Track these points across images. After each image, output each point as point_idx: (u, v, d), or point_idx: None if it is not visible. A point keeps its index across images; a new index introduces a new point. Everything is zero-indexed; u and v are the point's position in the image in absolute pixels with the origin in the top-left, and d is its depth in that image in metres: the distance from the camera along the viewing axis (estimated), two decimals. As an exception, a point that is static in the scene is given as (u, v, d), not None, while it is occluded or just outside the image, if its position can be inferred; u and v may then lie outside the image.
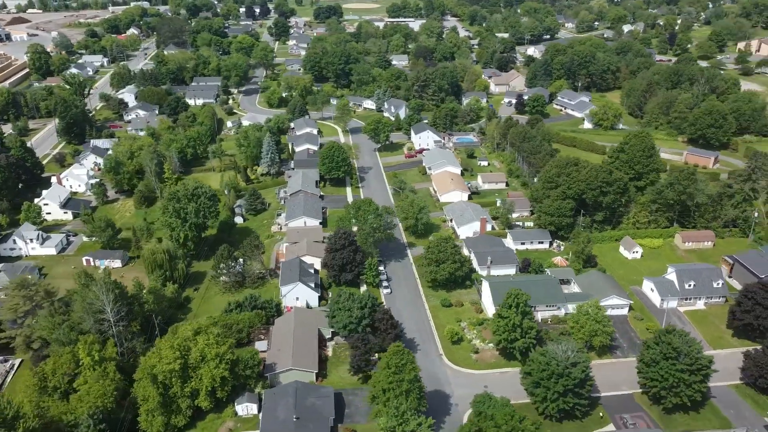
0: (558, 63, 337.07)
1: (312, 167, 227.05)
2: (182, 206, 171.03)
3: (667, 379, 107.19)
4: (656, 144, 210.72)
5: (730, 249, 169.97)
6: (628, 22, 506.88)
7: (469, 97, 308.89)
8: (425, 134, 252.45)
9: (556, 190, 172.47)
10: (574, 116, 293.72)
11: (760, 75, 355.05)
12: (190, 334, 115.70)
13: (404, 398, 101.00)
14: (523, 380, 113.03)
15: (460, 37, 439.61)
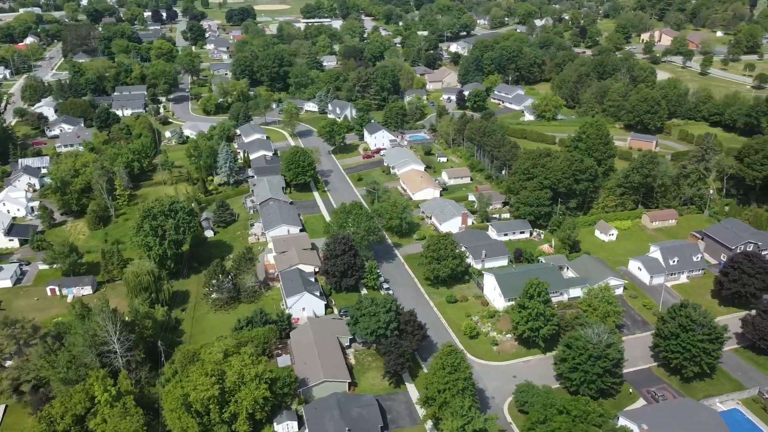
0: (488, 58, 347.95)
1: (274, 173, 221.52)
2: (159, 223, 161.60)
3: (689, 350, 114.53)
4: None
5: (691, 225, 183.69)
6: (537, 17, 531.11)
7: (409, 95, 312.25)
8: (380, 134, 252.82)
9: (533, 181, 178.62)
10: (512, 109, 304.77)
11: (666, 63, 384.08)
12: (221, 357, 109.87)
13: (461, 397, 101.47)
14: (559, 366, 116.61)
15: (383, 36, 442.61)
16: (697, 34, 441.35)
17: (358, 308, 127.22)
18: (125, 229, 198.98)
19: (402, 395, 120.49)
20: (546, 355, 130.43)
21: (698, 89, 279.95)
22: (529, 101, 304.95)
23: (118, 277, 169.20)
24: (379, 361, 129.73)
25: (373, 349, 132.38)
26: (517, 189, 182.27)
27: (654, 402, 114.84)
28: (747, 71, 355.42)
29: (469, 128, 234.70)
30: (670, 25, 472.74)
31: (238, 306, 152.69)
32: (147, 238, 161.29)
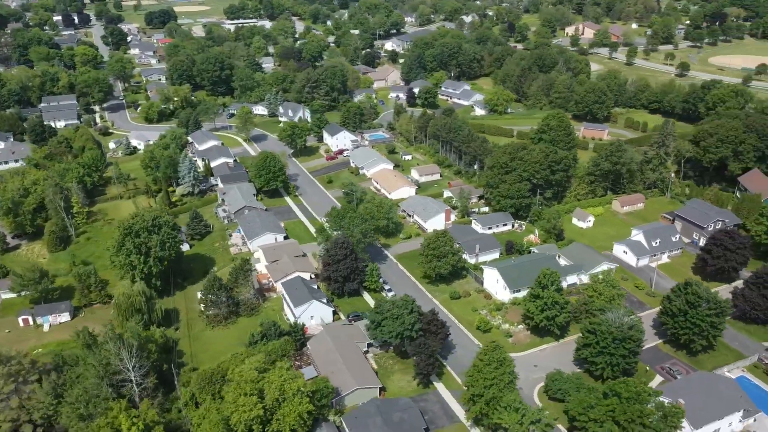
0: (430, 56, 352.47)
1: (241, 181, 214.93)
2: (143, 240, 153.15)
3: (698, 325, 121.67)
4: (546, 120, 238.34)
5: (656, 207, 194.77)
6: (464, 14, 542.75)
7: (358, 95, 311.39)
8: (341, 135, 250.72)
9: (512, 174, 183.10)
10: (461, 105, 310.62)
11: (594, 55, 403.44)
12: (255, 374, 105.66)
13: (509, 391, 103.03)
14: (582, 352, 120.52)
15: (318, 35, 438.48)
16: (617, 27, 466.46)
17: (378, 312, 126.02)
18: (90, 248, 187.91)
19: (433, 395, 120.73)
20: (559, 342, 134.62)
21: (636, 79, 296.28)
22: (477, 96, 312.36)
23: (96, 301, 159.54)
24: (400, 364, 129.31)
25: (391, 352, 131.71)
26: (496, 183, 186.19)
27: (671, 378, 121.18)
28: (668, 60, 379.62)
29: (432, 125, 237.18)
30: (590, 19, 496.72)
31: (237, 320, 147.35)
32: (130, 256, 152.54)
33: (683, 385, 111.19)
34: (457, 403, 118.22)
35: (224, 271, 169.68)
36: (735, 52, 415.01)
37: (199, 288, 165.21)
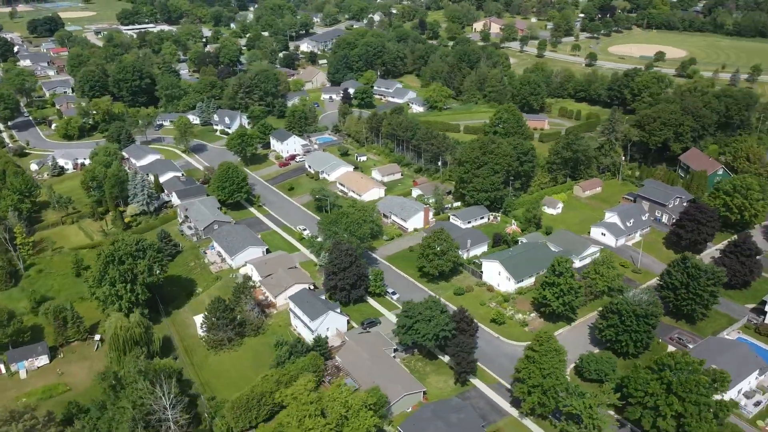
0: (355, 55, 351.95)
1: (199, 195, 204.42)
2: (128, 267, 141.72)
3: (700, 295, 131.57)
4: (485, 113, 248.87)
5: (611, 190, 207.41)
6: (370, 12, 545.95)
7: (291, 98, 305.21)
8: (291, 140, 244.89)
9: (484, 167, 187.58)
10: (396, 103, 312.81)
11: (506, 49, 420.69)
12: (315, 395, 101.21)
13: (564, 378, 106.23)
14: (604, 332, 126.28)
15: (232, 39, 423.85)
16: (521, 22, 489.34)
17: (408, 315, 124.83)
18: (47, 282, 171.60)
19: (474, 391, 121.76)
20: (572, 326, 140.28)
21: (560, 70, 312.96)
22: (411, 94, 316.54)
23: (74, 338, 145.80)
24: (431, 365, 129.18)
25: (417, 355, 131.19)
26: (469, 178, 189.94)
27: (682, 347, 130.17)
28: (574, 51, 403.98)
29: (386, 124, 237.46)
30: (492, 14, 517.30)
31: (242, 341, 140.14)
32: (115, 286, 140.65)
33: (701, 352, 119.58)
34: (499, 396, 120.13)
35: (211, 291, 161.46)
36: (627, 42, 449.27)
37: (185, 312, 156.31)
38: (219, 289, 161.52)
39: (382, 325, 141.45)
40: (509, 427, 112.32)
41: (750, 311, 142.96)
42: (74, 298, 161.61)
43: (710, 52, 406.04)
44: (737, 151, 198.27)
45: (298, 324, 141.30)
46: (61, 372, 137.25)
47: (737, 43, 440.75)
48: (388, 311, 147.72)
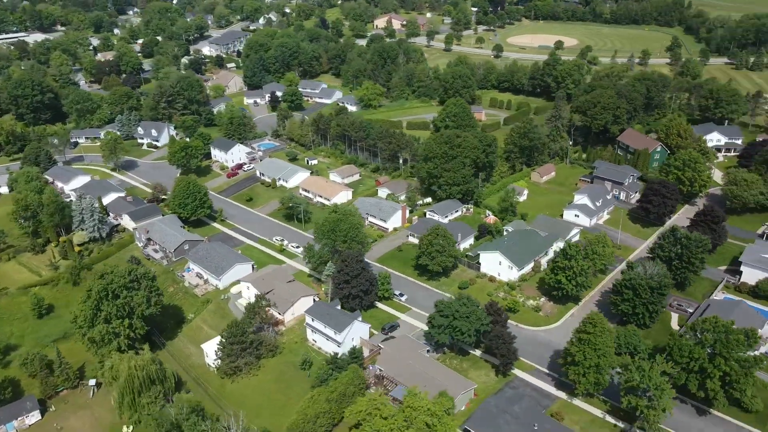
0: (271, 57, 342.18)
1: (154, 214, 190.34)
2: (125, 300, 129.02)
3: (693, 263, 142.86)
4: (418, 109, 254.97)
5: (563, 174, 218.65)
6: (264, 13, 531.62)
7: (216, 105, 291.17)
8: (236, 149, 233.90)
9: (454, 161, 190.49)
10: (325, 103, 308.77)
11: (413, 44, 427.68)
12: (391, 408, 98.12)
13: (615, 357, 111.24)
14: (620, 307, 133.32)
15: (126, 46, 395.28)
16: (421, 17, 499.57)
17: (444, 314, 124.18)
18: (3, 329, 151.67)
19: (517, 380, 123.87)
20: (580, 305, 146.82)
21: (482, 62, 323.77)
22: (338, 93, 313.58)
23: (63, 387, 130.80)
24: (466, 362, 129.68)
25: (449, 353, 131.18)
26: (439, 172, 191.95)
27: (685, 312, 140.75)
28: (478, 44, 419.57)
29: (335, 126, 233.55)
30: (389, 11, 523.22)
31: (259, 364, 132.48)
32: (111, 323, 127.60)
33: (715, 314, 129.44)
34: (542, 381, 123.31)
35: (204, 316, 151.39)
36: (520, 33, 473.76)
37: (182, 341, 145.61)
38: (213, 313, 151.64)
39: (400, 327, 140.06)
40: (565, 409, 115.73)
41: (725, 272, 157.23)
42: (46, 342, 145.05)
43: (597, 40, 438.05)
44: (669, 128, 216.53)
45: (317, 338, 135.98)
46: (59, 427, 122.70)
47: (616, 30, 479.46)
48: (401, 313, 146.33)
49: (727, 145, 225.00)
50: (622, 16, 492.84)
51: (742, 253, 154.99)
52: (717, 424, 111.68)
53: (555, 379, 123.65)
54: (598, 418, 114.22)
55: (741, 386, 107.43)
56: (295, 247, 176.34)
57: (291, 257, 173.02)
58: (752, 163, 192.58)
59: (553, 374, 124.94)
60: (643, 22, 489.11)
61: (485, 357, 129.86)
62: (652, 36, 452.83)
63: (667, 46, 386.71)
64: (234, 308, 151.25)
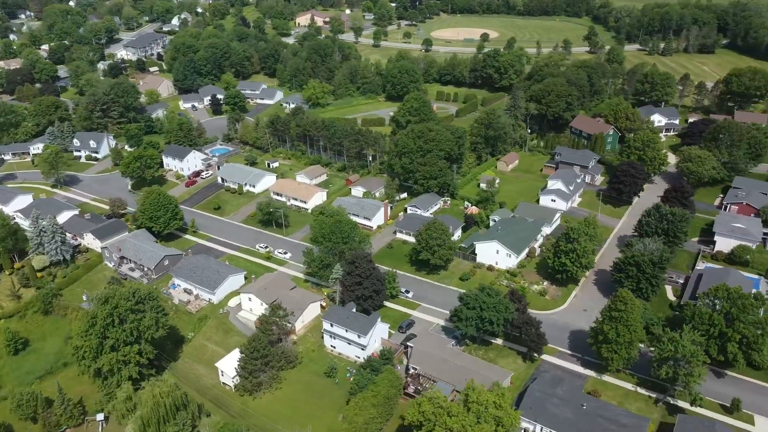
0: (201, 59, 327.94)
1: (120, 231, 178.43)
2: (133, 325, 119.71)
3: (678, 236, 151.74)
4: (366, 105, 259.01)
5: (525, 161, 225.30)
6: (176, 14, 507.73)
7: (154, 111, 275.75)
8: (191, 156, 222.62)
9: (430, 155, 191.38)
10: (267, 104, 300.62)
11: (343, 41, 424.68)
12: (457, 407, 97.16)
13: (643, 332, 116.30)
14: (627, 283, 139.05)
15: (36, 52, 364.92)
16: (344, 14, 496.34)
17: (470, 307, 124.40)
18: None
19: (546, 364, 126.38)
20: (579, 285, 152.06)
21: (422, 57, 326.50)
22: (279, 94, 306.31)
23: (67, 425, 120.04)
24: (491, 351, 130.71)
25: (472, 344, 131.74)
26: (415, 167, 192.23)
27: (675, 284, 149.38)
28: (406, 39, 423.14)
29: (296, 126, 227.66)
30: (306, 8, 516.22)
31: (281, 377, 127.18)
32: (123, 350, 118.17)
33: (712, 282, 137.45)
34: (569, 362, 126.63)
35: (205, 332, 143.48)
36: (441, 27, 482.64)
37: (187, 362, 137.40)
38: (215, 329, 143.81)
39: (415, 324, 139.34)
40: (600, 386, 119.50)
41: (698, 243, 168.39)
42: (30, 380, 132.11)
43: (516, 31, 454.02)
44: (617, 112, 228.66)
45: (337, 344, 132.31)
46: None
47: (530, 21, 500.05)
48: (412, 310, 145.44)
49: (667, 126, 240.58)
50: (534, 8, 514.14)
51: (714, 223, 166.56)
52: (734, 384, 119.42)
53: (579, 359, 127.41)
54: (631, 391, 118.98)
55: (759, 346, 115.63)
56: (282, 254, 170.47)
57: (281, 264, 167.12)
58: (700, 140, 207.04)
59: (576, 354, 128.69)
60: (553, 13, 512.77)
61: (508, 345, 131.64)
62: (564, 26, 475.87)
63: (584, 36, 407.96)
64: (237, 322, 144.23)
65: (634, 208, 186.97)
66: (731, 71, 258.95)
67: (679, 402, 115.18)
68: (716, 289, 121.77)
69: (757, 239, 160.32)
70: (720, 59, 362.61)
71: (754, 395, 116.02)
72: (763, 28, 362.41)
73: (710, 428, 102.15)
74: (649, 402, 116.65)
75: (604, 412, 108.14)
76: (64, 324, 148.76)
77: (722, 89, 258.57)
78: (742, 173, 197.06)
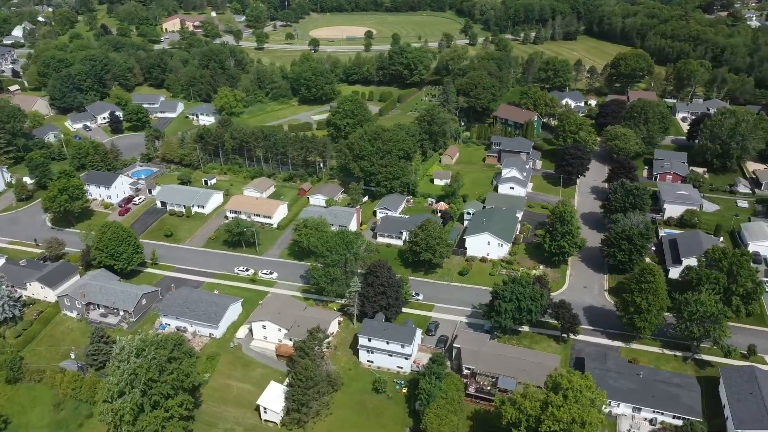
0: (81, 73, 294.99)
1: (71, 274, 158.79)
2: (174, 375, 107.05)
3: (644, 209, 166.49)
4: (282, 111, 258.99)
5: (464, 153, 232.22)
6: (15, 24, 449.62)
7: (44, 134, 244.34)
8: (119, 182, 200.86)
9: (389, 155, 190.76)
10: (170, 117, 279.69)
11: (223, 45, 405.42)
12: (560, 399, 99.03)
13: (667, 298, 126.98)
14: (619, 256, 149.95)
15: None
16: (212, 17, 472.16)
17: (508, 300, 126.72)
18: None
19: (578, 343, 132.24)
20: (569, 264, 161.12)
21: (326, 58, 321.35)
22: (180, 105, 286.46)
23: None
24: (525, 339, 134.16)
25: (503, 336, 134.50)
26: (376, 169, 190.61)
27: (651, 251, 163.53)
28: (289, 40, 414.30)
29: (231, 139, 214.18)
30: (170, 12, 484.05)
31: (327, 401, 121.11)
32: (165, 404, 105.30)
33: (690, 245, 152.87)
34: (597, 338, 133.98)
35: (222, 369, 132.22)
36: (317, 26, 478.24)
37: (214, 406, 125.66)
38: (232, 365, 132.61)
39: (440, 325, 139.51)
40: (633, 355, 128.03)
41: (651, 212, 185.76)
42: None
43: (391, 27, 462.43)
44: (536, 99, 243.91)
45: (375, 358, 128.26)
46: None
47: (400, 17, 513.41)
48: (429, 312, 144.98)
49: (576, 108, 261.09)
50: (401, 4, 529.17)
51: (657, 193, 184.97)
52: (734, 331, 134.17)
53: (603, 333, 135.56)
54: (660, 354, 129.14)
55: (757, 296, 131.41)
56: (268, 274, 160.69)
57: (270, 285, 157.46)
58: (614, 120, 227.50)
59: (598, 329, 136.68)
60: (419, 9, 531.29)
61: (536, 331, 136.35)
62: (433, 21, 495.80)
63: (461, 29, 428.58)
64: (252, 353, 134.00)
65: (580, 187, 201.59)
66: (617, 55, 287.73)
67: (703, 356, 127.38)
68: (713, 251, 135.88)
69: (698, 203, 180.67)
70: (584, 45, 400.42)
71: (757, 339, 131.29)
72: (614, 15, 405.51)
73: (750, 373, 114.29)
74: (679, 360, 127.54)
75: (657, 377, 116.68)
76: (44, 390, 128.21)
77: (611, 71, 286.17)
78: (656, 146, 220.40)
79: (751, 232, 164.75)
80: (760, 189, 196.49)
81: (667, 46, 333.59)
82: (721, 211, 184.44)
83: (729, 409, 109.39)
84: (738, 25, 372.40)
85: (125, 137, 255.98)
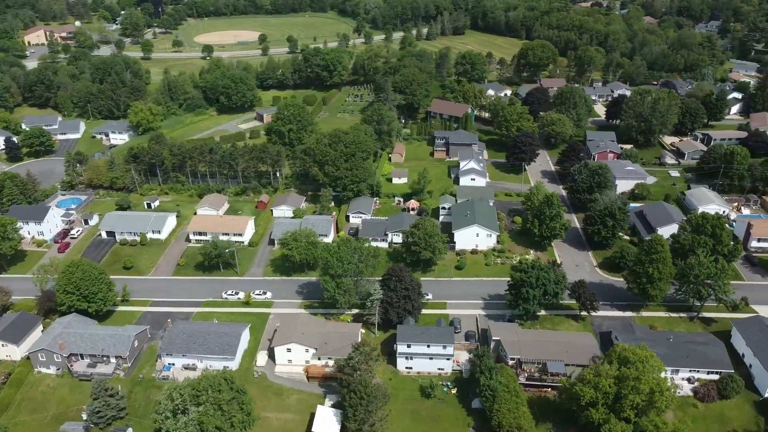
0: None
1: (33, 325, 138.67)
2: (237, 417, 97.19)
3: (605, 184, 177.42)
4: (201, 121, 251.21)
5: (410, 149, 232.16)
6: None
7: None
8: (51, 215, 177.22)
9: (353, 158, 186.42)
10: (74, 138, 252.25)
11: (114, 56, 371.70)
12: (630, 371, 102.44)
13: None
14: (603, 233, 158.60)
15: None
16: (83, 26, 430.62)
17: (534, 286, 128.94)
18: None
19: (595, 319, 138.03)
20: (554, 245, 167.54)
21: (235, 63, 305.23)
22: (81, 124, 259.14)
23: None
24: (546, 322, 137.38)
25: (524, 322, 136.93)
26: (340, 175, 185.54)
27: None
28: (178, 47, 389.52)
29: (171, 156, 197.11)
30: (27, 24, 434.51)
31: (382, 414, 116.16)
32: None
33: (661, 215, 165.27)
34: (610, 312, 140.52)
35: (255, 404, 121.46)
36: (199, 32, 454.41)
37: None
38: (263, 397, 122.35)
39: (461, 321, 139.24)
40: (646, 321, 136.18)
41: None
42: None
43: (276, 29, 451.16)
44: (466, 93, 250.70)
45: (414, 363, 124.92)
46: None
47: (282, 19, 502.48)
48: (443, 310, 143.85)
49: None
50: (282, 6, 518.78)
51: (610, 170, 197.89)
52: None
53: (613, 305, 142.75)
54: (668, 317, 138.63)
55: (739, 253, 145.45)
56: (261, 294, 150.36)
57: (267, 305, 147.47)
58: (541, 107, 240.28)
59: (607, 303, 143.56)
60: (300, 10, 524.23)
61: (553, 312, 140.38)
62: (316, 21, 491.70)
63: (354, 28, 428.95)
64: (281, 380, 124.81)
65: (531, 173, 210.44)
66: (524, 45, 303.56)
67: (705, 314, 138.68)
68: (695, 217, 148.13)
69: (645, 176, 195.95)
70: (474, 39, 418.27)
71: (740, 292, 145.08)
72: (497, 9, 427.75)
73: (761, 322, 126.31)
74: (686, 321, 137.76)
75: (683, 338, 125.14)
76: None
77: (519, 61, 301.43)
78: (583, 128, 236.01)
79: (696, 197, 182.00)
80: (684, 159, 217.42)
81: (555, 36, 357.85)
82: (660, 182, 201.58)
83: (752, 357, 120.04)
84: (610, 14, 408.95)
85: (27, 164, 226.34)
